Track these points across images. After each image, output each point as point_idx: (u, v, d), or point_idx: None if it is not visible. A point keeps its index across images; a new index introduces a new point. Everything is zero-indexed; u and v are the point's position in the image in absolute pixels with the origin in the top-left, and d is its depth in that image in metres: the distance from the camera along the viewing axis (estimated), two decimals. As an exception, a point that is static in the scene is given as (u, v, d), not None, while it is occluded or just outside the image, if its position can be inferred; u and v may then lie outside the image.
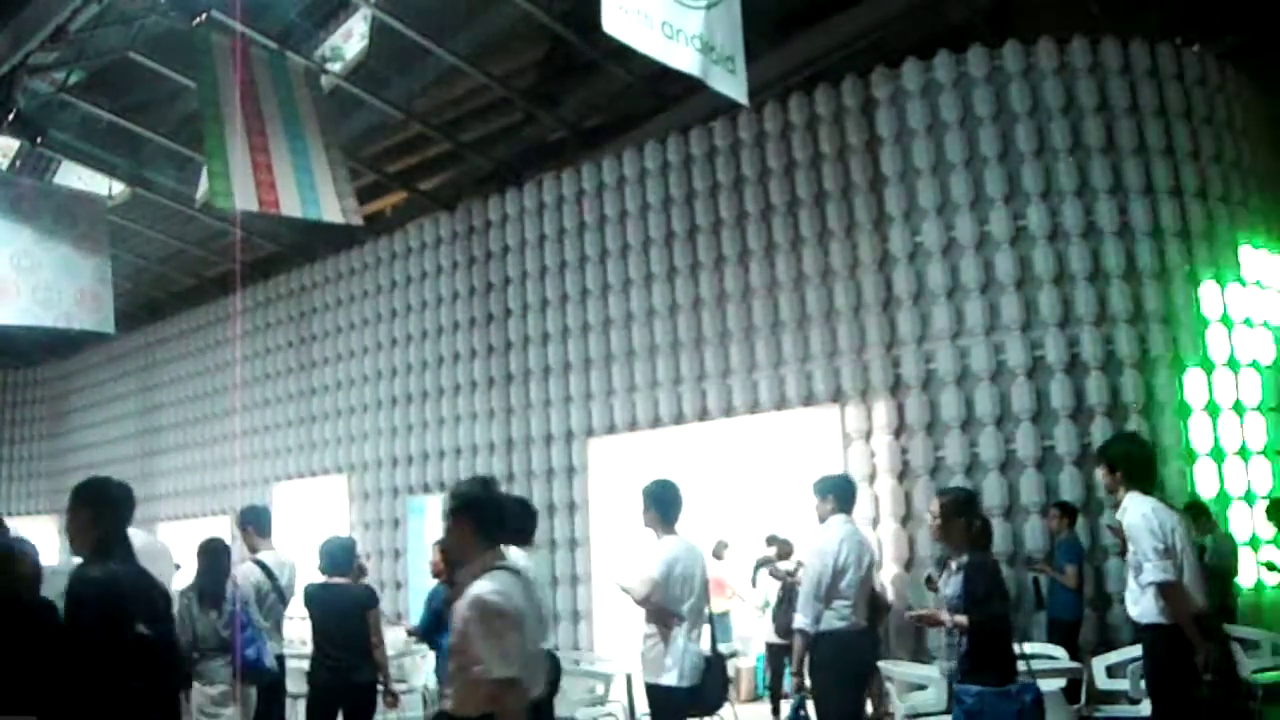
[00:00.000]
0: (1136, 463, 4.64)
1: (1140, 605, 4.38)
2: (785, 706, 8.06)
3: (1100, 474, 4.84)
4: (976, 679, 4.39)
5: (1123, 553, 7.54)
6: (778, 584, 8.35)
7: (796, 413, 9.27)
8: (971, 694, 4.38)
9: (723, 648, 5.86)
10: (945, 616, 4.59)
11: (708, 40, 5.56)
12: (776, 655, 8.25)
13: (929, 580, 7.13)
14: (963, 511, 4.80)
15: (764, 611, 8.67)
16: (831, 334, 9.15)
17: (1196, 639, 4.17)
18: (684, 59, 5.55)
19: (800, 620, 5.34)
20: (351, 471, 13.06)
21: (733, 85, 5.81)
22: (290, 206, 8.45)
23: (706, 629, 5.25)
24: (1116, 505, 4.68)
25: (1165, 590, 4.25)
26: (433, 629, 5.79)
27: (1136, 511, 4.41)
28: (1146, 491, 4.54)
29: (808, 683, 5.40)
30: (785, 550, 8.55)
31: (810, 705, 5.91)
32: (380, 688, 5.88)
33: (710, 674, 5.13)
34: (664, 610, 5.03)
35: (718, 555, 9.21)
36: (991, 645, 4.45)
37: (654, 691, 5.10)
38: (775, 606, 8.32)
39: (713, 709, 5.33)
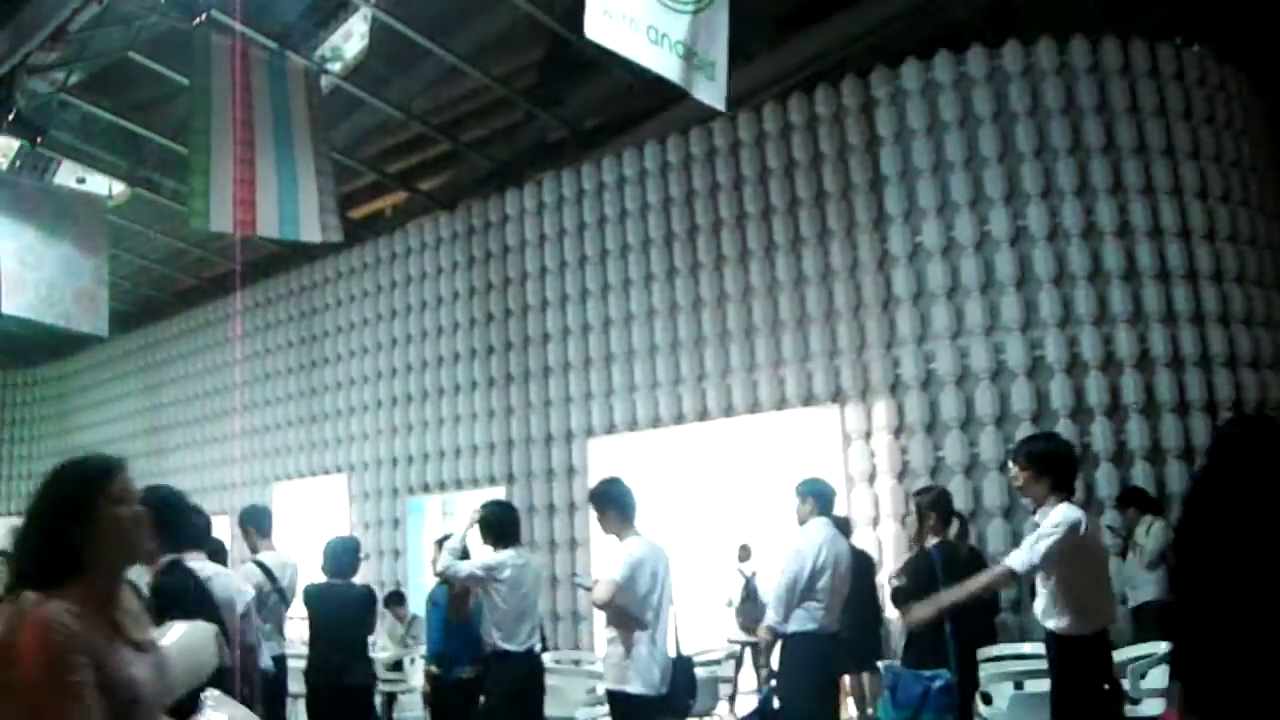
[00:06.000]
0: (1063, 466, 4.36)
1: (1056, 614, 4.24)
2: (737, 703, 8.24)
3: (1019, 476, 4.39)
4: (907, 662, 5.02)
5: (1123, 553, 7.60)
6: (741, 583, 8.97)
7: (796, 413, 9.27)
8: (893, 672, 5.03)
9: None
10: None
11: (691, 45, 5.46)
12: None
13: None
14: (934, 507, 5.33)
15: (730, 608, 9.12)
16: (831, 334, 9.15)
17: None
18: (667, 65, 5.43)
19: (771, 617, 5.36)
20: (352, 471, 13.06)
21: (713, 92, 5.67)
22: (268, 227, 8.49)
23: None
24: (1036, 509, 4.36)
25: (1022, 575, 4.32)
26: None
27: (1072, 515, 4.20)
28: (1068, 497, 4.29)
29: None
30: (746, 553, 9.12)
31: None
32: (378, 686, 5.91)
33: (677, 677, 4.98)
34: (627, 615, 4.84)
35: None
36: (920, 635, 4.96)
37: (618, 698, 4.89)
38: (739, 605, 8.94)
39: (681, 713, 5.26)
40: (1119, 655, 6.44)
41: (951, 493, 6.45)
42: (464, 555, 5.63)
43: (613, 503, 5.04)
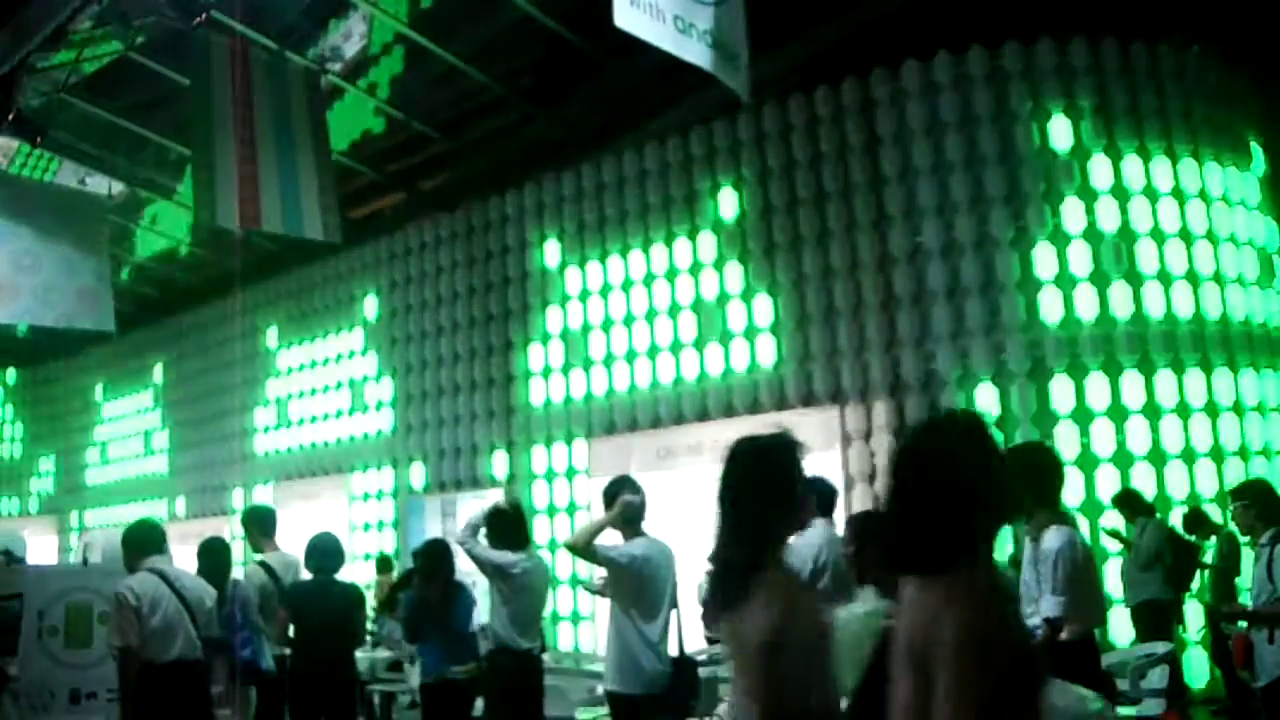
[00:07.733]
0: (1047, 478, 4.18)
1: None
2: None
3: None
4: None
5: (1120, 555, 7.60)
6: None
7: (796, 413, 9.26)
8: None
9: None
10: None
11: (718, 36, 5.64)
12: None
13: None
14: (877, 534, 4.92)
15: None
16: (831, 334, 9.14)
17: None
18: (696, 54, 5.62)
19: None
20: (352, 472, 13.06)
21: (739, 82, 5.92)
22: (272, 222, 8.53)
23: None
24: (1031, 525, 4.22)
25: (1056, 624, 4.01)
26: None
27: (1062, 540, 4.07)
28: (1054, 508, 4.17)
29: None
30: None
31: None
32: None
33: (678, 677, 4.95)
34: (623, 614, 4.86)
35: None
36: None
37: (618, 699, 4.90)
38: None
39: (683, 713, 5.21)
40: (1119, 656, 6.47)
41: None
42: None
43: (624, 503, 5.02)
